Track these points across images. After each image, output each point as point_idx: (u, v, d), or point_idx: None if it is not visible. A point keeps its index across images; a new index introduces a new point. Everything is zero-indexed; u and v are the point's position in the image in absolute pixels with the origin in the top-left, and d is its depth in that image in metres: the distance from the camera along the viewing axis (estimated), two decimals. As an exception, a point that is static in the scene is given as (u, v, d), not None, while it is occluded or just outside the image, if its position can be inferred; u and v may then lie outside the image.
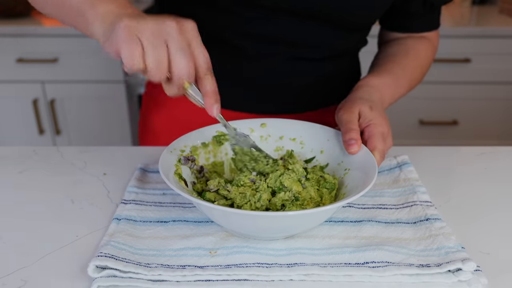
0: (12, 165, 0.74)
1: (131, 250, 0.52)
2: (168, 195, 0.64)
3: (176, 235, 0.55)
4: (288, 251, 0.52)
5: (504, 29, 1.88)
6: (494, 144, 2.01)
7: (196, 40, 0.48)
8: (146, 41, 0.46)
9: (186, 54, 0.47)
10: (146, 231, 0.56)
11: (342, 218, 0.59)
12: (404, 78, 0.76)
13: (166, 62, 0.47)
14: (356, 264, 0.50)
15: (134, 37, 0.46)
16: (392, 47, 0.82)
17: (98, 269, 0.48)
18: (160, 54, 0.46)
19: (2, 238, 0.56)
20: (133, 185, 0.65)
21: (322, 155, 0.65)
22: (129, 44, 0.46)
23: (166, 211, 0.60)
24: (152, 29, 0.46)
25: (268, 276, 0.48)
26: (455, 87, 2.00)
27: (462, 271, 0.48)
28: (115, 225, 0.56)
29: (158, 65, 0.46)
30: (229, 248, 0.53)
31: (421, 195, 0.62)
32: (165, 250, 0.53)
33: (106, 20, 0.50)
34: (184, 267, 0.49)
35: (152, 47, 0.46)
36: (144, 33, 0.46)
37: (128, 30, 0.46)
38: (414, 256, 0.51)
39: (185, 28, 0.48)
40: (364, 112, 0.63)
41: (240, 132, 0.62)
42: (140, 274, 0.48)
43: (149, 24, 0.46)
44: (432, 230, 0.55)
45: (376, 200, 0.63)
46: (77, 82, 1.95)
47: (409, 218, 0.58)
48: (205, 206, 0.49)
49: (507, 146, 0.80)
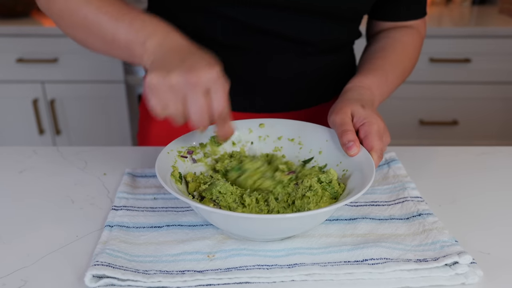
0: (12, 165, 0.74)
1: (127, 257, 0.51)
2: (159, 200, 0.63)
3: (172, 240, 0.55)
4: (286, 251, 0.52)
5: (504, 29, 1.88)
6: (494, 144, 2.01)
7: (215, 87, 0.53)
8: (165, 100, 0.53)
9: (199, 107, 0.52)
10: (140, 237, 0.55)
11: (336, 217, 0.59)
12: (393, 73, 0.76)
13: (183, 113, 0.54)
14: (356, 262, 0.50)
15: (155, 94, 0.53)
16: (379, 41, 0.82)
17: (95, 278, 0.48)
18: (178, 108, 0.53)
19: (2, 238, 0.56)
20: (122, 190, 0.64)
21: (320, 156, 0.65)
22: (151, 100, 0.53)
23: (159, 216, 0.59)
24: (172, 87, 0.52)
25: (270, 278, 0.48)
26: (455, 87, 2.00)
27: (458, 264, 0.49)
28: (107, 232, 0.55)
29: (177, 116, 0.54)
30: (227, 251, 0.52)
31: (411, 191, 0.63)
32: (162, 255, 0.52)
33: (151, 55, 0.57)
34: (183, 272, 0.49)
35: (172, 104, 0.53)
36: (165, 93, 0.52)
37: (151, 89, 0.53)
38: (411, 251, 0.52)
39: (206, 77, 0.52)
40: (357, 112, 0.62)
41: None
42: (139, 282, 0.47)
43: (172, 80, 0.52)
44: (426, 225, 0.56)
45: (367, 197, 0.63)
46: (77, 82, 1.95)
47: (402, 214, 0.59)
48: (204, 210, 0.49)
49: (507, 146, 0.80)
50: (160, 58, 0.55)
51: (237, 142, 0.67)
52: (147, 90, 0.53)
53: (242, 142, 0.68)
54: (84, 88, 1.96)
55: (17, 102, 1.98)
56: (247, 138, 0.68)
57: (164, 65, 0.53)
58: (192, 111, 0.53)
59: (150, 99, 0.53)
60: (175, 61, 0.54)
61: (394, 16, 0.83)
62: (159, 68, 0.53)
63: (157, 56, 0.56)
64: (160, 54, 0.56)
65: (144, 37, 0.57)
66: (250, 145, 0.68)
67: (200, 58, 0.54)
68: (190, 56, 0.54)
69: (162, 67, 0.53)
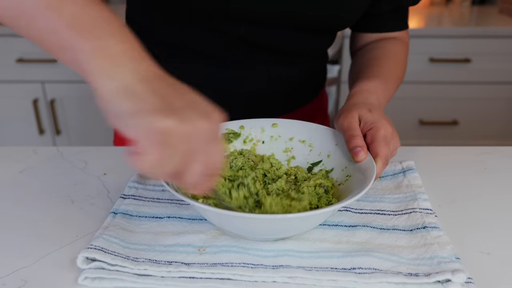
0: (12, 165, 0.74)
1: (122, 244, 0.53)
2: (167, 192, 0.64)
3: (168, 231, 0.56)
4: (276, 252, 0.52)
5: (504, 29, 1.88)
6: (494, 144, 2.01)
7: (204, 145, 0.41)
8: (173, 153, 0.40)
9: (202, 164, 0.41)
10: (140, 225, 0.57)
11: (336, 222, 0.58)
12: (392, 81, 0.77)
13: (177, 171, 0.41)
14: (343, 269, 0.49)
15: (165, 145, 0.39)
16: (370, 52, 0.83)
17: (88, 260, 0.50)
18: (176, 165, 0.40)
19: (2, 238, 0.56)
20: (134, 180, 0.66)
21: (328, 160, 0.65)
22: (154, 152, 0.39)
23: (162, 207, 0.61)
24: (195, 136, 0.40)
25: (252, 277, 0.48)
26: (455, 87, 2.00)
27: (451, 282, 0.47)
28: (110, 219, 0.58)
29: (167, 176, 0.42)
30: (218, 247, 0.53)
31: (422, 202, 0.61)
32: (155, 245, 0.53)
33: (118, 75, 0.41)
34: (170, 263, 0.50)
35: (177, 158, 0.40)
36: (179, 144, 0.39)
37: (160, 136, 0.39)
38: (404, 264, 0.50)
39: (201, 131, 0.40)
40: (364, 116, 0.61)
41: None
42: (127, 268, 0.49)
43: (198, 125, 0.40)
44: (428, 238, 0.54)
45: (375, 205, 0.61)
46: (77, 82, 1.95)
47: (406, 226, 0.57)
48: (198, 206, 0.49)
49: (507, 146, 0.80)
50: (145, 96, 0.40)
51: (248, 141, 0.68)
52: (150, 137, 0.38)
53: (253, 140, 0.68)
54: (84, 88, 1.96)
55: (17, 102, 1.98)
56: (259, 137, 0.68)
57: (169, 104, 0.40)
58: (190, 170, 0.41)
59: (151, 150, 0.39)
60: (177, 100, 0.41)
61: (380, 28, 0.84)
62: (163, 108, 0.39)
63: (123, 93, 0.40)
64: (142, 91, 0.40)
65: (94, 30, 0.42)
66: (261, 144, 0.68)
67: (196, 105, 0.42)
68: (186, 103, 0.41)
69: (167, 106, 0.39)
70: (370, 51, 0.83)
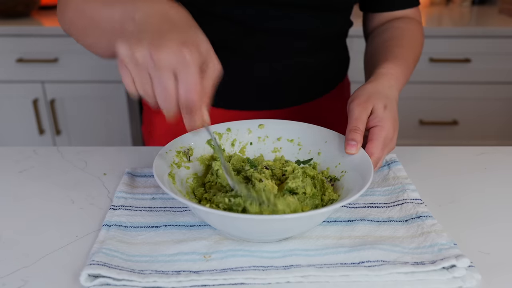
0: (12, 165, 0.74)
1: (124, 257, 0.51)
2: (158, 200, 0.63)
3: (168, 240, 0.55)
4: (283, 253, 0.52)
5: (504, 29, 1.88)
6: (494, 144, 2.01)
7: (183, 71, 0.47)
8: (134, 76, 0.48)
9: (163, 90, 0.47)
10: (137, 237, 0.55)
11: (334, 218, 0.59)
12: (412, 60, 0.77)
13: (152, 94, 0.48)
14: (352, 264, 0.50)
15: (123, 69, 0.48)
16: (386, 33, 0.82)
17: (91, 277, 0.48)
18: (146, 88, 0.48)
19: (2, 238, 0.56)
20: (121, 190, 0.64)
21: (319, 157, 0.65)
22: (121, 76, 0.48)
23: (156, 216, 0.59)
24: (137, 62, 0.47)
25: (265, 279, 0.48)
26: (455, 87, 2.00)
27: (456, 268, 0.48)
28: (105, 232, 0.55)
29: (147, 97, 0.49)
30: (224, 252, 0.52)
31: (411, 193, 0.63)
32: (158, 255, 0.52)
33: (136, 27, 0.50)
34: (179, 272, 0.49)
35: (138, 81, 0.48)
36: (132, 69, 0.47)
37: (119, 62, 0.48)
38: (408, 254, 0.51)
39: (171, 57, 0.46)
40: (377, 111, 0.61)
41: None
42: (135, 282, 0.47)
43: (137, 53, 0.46)
44: (424, 227, 0.56)
45: (366, 199, 0.63)
46: (77, 82, 1.95)
47: (401, 216, 0.59)
48: (201, 210, 0.49)
49: (507, 146, 0.80)
50: (139, 28, 0.49)
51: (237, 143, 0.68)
52: (118, 64, 0.48)
53: (242, 143, 0.68)
54: (84, 88, 1.96)
55: (17, 102, 1.98)
56: (246, 139, 0.68)
57: (137, 36, 0.47)
58: (156, 93, 0.48)
59: (121, 74, 0.48)
60: (149, 33, 0.47)
61: (390, 5, 0.83)
62: (130, 38, 0.47)
63: (139, 27, 0.49)
64: (142, 24, 0.49)
65: (134, 11, 0.51)
66: (249, 146, 0.68)
67: (180, 34, 0.47)
68: (171, 29, 0.48)
69: (134, 37, 0.47)
70: (385, 31, 0.82)
